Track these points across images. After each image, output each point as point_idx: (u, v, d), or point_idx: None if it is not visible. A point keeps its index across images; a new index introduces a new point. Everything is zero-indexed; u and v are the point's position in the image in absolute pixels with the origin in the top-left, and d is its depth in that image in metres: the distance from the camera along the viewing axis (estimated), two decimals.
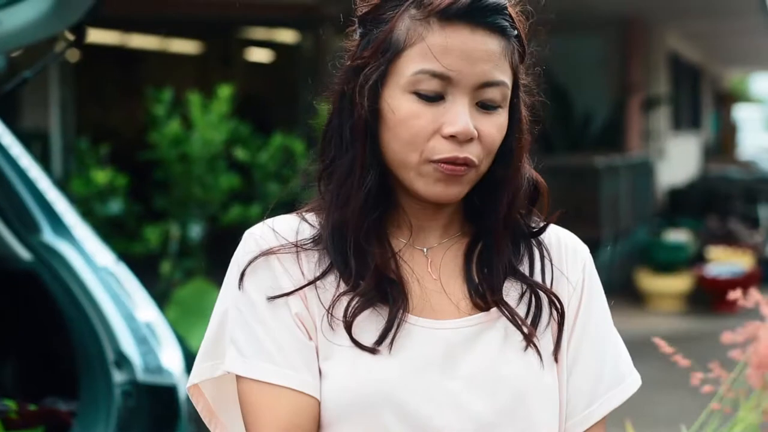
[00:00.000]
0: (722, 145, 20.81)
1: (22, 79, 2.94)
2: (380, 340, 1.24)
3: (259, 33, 11.34)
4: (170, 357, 2.77)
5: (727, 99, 23.68)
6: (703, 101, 19.11)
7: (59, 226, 2.93)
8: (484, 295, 1.29)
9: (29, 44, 2.78)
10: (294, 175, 1.22)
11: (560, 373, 1.33)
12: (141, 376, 2.70)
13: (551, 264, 1.35)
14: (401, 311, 1.26)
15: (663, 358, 1.42)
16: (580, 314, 1.35)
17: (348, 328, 1.25)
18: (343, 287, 1.27)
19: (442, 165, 1.24)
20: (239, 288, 1.28)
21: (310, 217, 1.32)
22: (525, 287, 1.32)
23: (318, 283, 1.27)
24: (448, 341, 1.27)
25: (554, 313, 1.32)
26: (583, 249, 1.39)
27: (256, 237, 1.30)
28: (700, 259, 9.91)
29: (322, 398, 1.25)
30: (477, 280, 1.30)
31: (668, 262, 9.60)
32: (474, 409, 1.25)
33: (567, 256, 1.37)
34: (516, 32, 1.28)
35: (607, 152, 10.69)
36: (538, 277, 1.34)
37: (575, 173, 10.02)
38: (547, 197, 1.37)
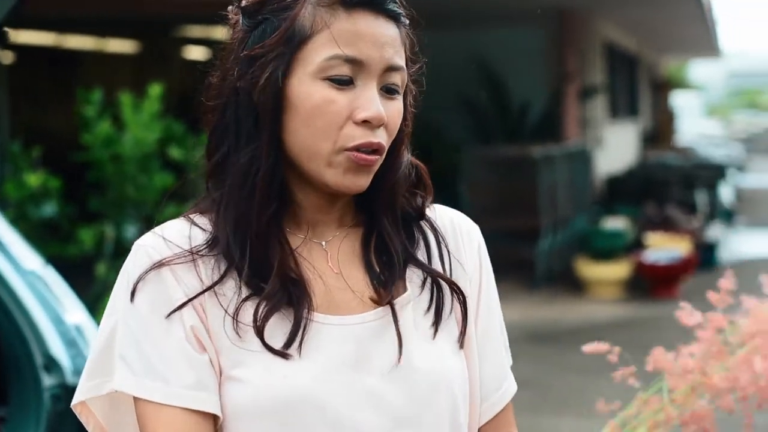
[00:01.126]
0: (660, 132, 21.05)
1: None
2: (289, 343, 1.22)
3: (195, 31, 11.28)
4: None
5: (664, 86, 23.95)
6: (640, 89, 19.33)
7: None
8: (386, 285, 1.29)
9: None
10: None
11: (470, 358, 1.33)
12: (71, 379, 2.68)
13: (447, 249, 1.34)
14: (306, 311, 1.24)
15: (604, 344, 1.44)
16: (482, 296, 1.36)
17: (260, 333, 1.22)
18: (245, 291, 1.24)
19: (355, 154, 1.23)
20: (130, 303, 1.24)
21: (200, 219, 1.29)
22: (425, 274, 1.32)
23: (217, 289, 1.24)
24: (358, 336, 1.26)
25: (455, 299, 1.33)
26: (476, 229, 1.39)
27: (147, 248, 1.26)
28: (638, 245, 10.02)
29: (239, 405, 1.23)
30: (378, 270, 1.30)
31: (607, 249, 9.69)
32: (392, 403, 1.25)
33: (462, 238, 1.37)
34: (407, 21, 1.30)
35: (544, 142, 10.77)
36: (437, 263, 1.34)
37: (513, 164, 10.09)
38: (428, 178, 1.36)
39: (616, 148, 14.71)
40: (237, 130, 1.26)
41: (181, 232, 1.27)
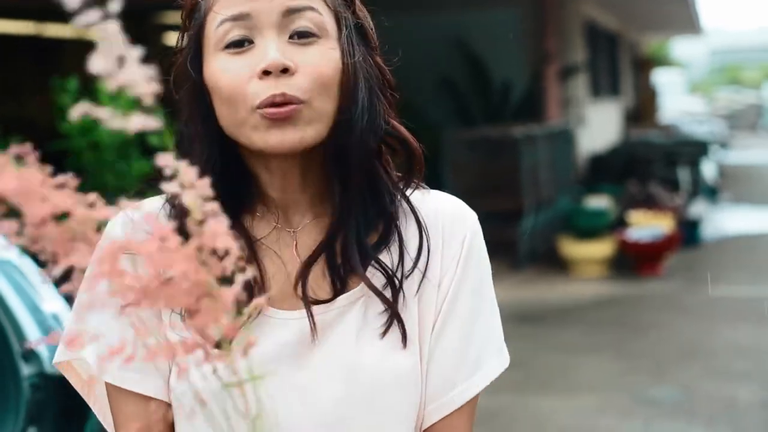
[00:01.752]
0: (642, 110, 21.07)
1: None
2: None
3: (176, 17, 11.22)
4: None
5: (646, 64, 23.97)
6: (622, 67, 19.34)
7: None
8: (343, 279, 1.24)
9: None
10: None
11: (422, 358, 1.26)
12: (49, 368, 2.67)
13: (427, 240, 1.27)
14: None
15: (586, 323, 1.38)
16: (449, 293, 1.27)
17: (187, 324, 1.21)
18: None
19: (265, 110, 1.18)
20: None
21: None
22: (387, 272, 1.25)
23: None
24: (301, 331, 1.23)
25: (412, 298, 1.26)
26: (465, 221, 1.29)
27: (116, 226, 1.23)
28: (621, 224, 10.04)
29: (174, 394, 1.24)
30: (337, 263, 1.24)
31: (590, 228, 9.71)
32: (324, 401, 1.21)
33: (443, 231, 1.28)
34: None
35: (526, 122, 10.76)
36: (412, 254, 1.26)
37: (495, 145, 10.08)
38: (420, 158, 1.28)
39: (599, 127, 14.72)
40: (186, 122, 1.25)
41: (152, 212, 1.22)
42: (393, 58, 1.31)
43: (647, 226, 9.78)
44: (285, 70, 1.18)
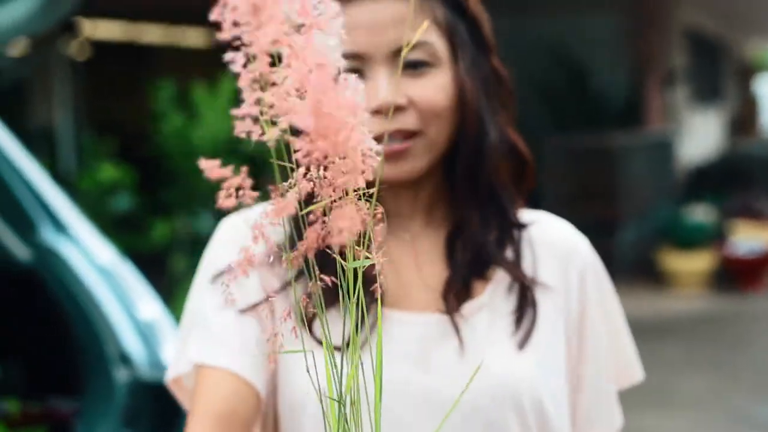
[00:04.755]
0: (744, 119, 20.62)
1: (18, 77, 2.92)
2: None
3: None
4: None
5: (748, 71, 23.45)
6: (723, 74, 18.95)
7: (59, 225, 2.91)
8: (462, 286, 1.23)
9: (21, 39, 2.76)
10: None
11: (538, 363, 1.25)
12: (144, 373, 2.68)
13: (534, 263, 1.27)
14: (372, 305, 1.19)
15: (684, 339, 1.36)
16: (581, 325, 1.31)
17: (308, 327, 1.18)
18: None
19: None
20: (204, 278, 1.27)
21: None
22: (512, 281, 1.25)
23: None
24: (422, 335, 1.21)
25: (546, 306, 1.26)
26: (580, 249, 1.31)
27: (228, 227, 1.29)
28: (722, 236, 9.81)
29: (294, 395, 1.21)
30: (459, 268, 1.24)
31: (690, 240, 9.50)
32: (447, 404, 1.19)
33: (558, 259, 1.29)
34: None
35: (625, 130, 10.61)
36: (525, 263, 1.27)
37: (592, 153, 9.95)
38: (532, 174, 1.29)
39: (699, 136, 14.44)
40: None
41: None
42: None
43: (749, 239, 9.54)
44: (397, 108, 1.17)
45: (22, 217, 2.88)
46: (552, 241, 1.30)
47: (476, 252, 1.24)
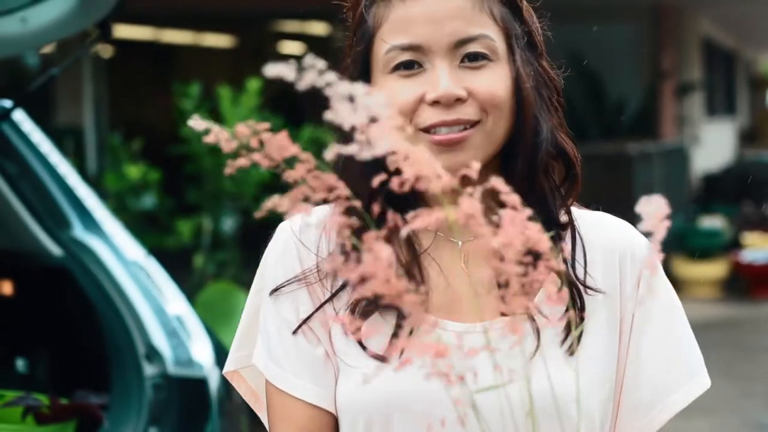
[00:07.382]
0: (757, 130, 20.56)
1: (50, 76, 2.97)
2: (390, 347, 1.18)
3: (291, 26, 11.35)
4: (200, 350, 2.78)
5: (761, 83, 23.38)
6: (737, 86, 18.90)
7: (89, 222, 2.95)
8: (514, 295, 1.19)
9: (55, 41, 2.80)
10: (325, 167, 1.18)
11: (580, 370, 1.22)
12: (172, 369, 2.70)
13: (584, 253, 1.26)
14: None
15: (699, 346, 1.36)
16: (633, 332, 1.28)
17: (358, 339, 1.21)
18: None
19: (431, 136, 1.19)
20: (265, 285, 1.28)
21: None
22: (562, 281, 1.20)
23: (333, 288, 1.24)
24: (471, 344, 1.17)
25: (600, 312, 1.25)
26: (637, 251, 1.30)
27: (287, 233, 1.28)
28: (735, 245, 9.81)
29: (342, 402, 1.22)
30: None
31: (703, 248, 9.51)
32: (499, 418, 1.16)
33: (621, 264, 1.28)
34: None
35: (640, 139, 10.60)
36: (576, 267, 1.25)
37: (608, 161, 9.94)
38: (578, 169, 1.29)
39: (713, 146, 14.41)
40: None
41: (320, 220, 1.24)
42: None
43: (762, 248, 9.54)
44: (457, 99, 1.19)
45: (53, 214, 2.91)
46: (608, 243, 1.29)
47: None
